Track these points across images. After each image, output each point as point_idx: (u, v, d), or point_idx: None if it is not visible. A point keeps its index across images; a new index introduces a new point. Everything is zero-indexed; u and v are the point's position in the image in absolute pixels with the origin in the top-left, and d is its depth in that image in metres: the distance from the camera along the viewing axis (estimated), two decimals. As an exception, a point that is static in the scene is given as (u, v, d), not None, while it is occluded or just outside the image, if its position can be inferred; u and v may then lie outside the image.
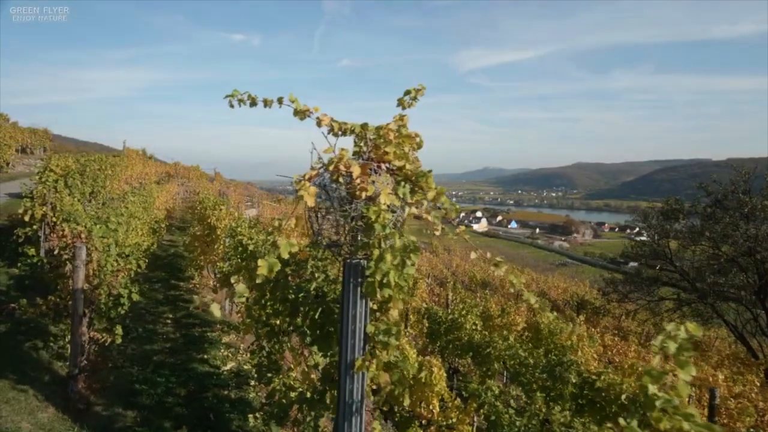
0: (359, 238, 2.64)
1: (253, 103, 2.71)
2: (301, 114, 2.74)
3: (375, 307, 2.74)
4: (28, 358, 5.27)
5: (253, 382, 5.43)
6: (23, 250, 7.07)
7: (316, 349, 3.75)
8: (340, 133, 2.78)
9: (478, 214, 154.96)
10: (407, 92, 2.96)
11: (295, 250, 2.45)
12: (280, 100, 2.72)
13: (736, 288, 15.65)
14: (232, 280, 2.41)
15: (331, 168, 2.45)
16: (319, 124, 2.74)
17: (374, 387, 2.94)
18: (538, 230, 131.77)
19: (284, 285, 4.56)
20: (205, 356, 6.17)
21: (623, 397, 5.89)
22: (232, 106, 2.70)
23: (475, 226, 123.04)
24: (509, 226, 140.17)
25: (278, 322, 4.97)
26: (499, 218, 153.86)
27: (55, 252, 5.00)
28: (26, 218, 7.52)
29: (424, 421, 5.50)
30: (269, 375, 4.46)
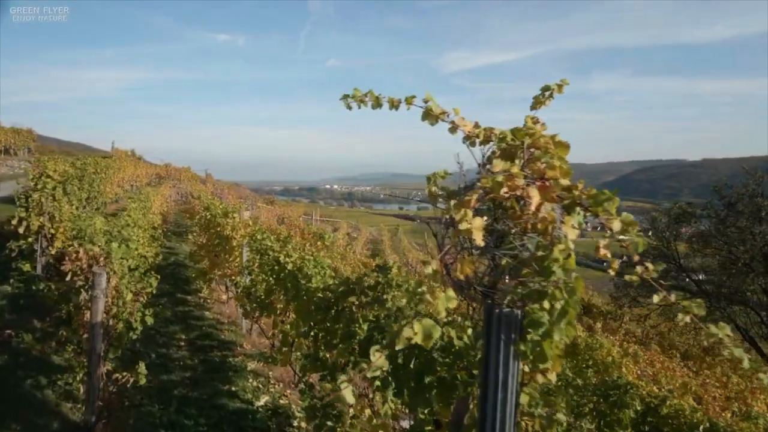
0: (507, 281, 2.00)
1: (377, 104, 2.04)
2: (433, 118, 2.08)
3: (526, 368, 2.11)
4: (32, 400, 4.50)
5: (296, 423, 4.74)
6: (17, 266, 6.25)
7: (406, 402, 3.07)
8: (478, 141, 2.13)
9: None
10: (545, 88, 2.30)
11: (453, 306, 1.81)
12: (408, 101, 2.07)
13: (751, 292, 15.40)
14: (373, 356, 1.74)
15: (501, 192, 1.81)
16: (453, 130, 2.10)
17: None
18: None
19: (350, 317, 3.89)
20: (233, 388, 5.44)
21: (701, 428, 5.34)
22: (350, 108, 2.03)
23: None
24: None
25: (329, 355, 4.29)
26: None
27: (67, 278, 4.24)
28: (21, 230, 6.70)
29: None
30: (329, 423, 3.75)
